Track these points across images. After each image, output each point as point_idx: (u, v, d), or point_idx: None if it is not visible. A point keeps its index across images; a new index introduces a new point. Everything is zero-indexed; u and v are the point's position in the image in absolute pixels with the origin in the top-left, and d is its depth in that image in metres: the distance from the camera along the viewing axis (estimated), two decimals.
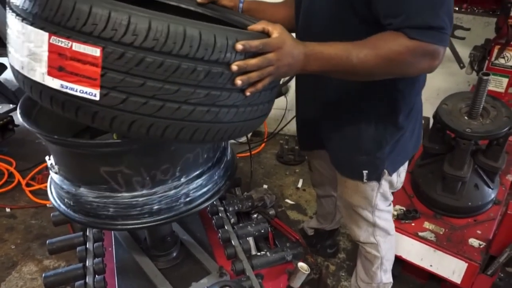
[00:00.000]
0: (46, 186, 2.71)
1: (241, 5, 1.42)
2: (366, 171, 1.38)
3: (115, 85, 0.82)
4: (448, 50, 2.69)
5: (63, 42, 0.81)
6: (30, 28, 0.85)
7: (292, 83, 3.02)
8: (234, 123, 0.99)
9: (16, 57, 0.91)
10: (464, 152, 1.77)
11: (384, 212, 1.54)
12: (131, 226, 1.19)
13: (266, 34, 0.96)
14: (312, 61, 0.99)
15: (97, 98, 0.83)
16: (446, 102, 1.89)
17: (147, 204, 1.16)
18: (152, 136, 0.90)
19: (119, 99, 0.84)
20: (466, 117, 1.81)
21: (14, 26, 0.89)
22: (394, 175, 1.44)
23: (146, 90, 0.83)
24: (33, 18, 0.84)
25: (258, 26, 0.97)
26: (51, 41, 0.82)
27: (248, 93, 0.94)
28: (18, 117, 1.20)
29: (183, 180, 1.19)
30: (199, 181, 1.22)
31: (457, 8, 2.57)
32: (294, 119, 3.14)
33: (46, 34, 0.82)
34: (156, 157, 1.12)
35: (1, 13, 2.69)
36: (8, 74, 3.48)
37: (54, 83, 0.85)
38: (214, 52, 0.85)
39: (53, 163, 1.21)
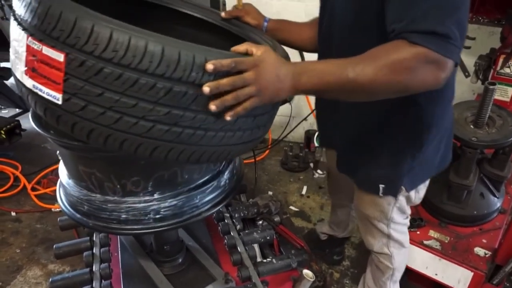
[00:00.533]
0: (51, 191, 2.74)
1: (265, 23, 1.41)
2: (383, 186, 1.35)
3: (76, 92, 0.83)
4: None
5: (36, 45, 0.85)
6: (17, 28, 0.90)
7: None
8: (202, 146, 0.94)
9: (11, 56, 0.97)
10: (470, 161, 1.77)
11: (400, 225, 1.52)
12: (100, 228, 1.23)
13: (249, 55, 0.90)
14: (303, 79, 0.91)
15: (60, 102, 0.85)
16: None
17: (115, 211, 1.18)
18: (110, 147, 0.89)
19: (79, 105, 0.84)
20: (472, 126, 1.82)
21: (12, 25, 0.94)
22: (412, 192, 1.40)
23: (103, 101, 0.82)
24: (20, 19, 0.88)
25: (241, 47, 0.91)
26: (28, 42, 0.86)
27: (228, 118, 0.87)
28: (24, 122, 1.23)
29: (156, 196, 1.17)
30: (173, 201, 1.19)
31: None
32: (298, 126, 3.16)
33: (25, 36, 0.86)
34: (124, 167, 1.12)
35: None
36: None
37: (28, 83, 0.89)
38: (177, 70, 0.81)
39: None
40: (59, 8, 0.81)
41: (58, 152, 1.28)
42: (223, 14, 1.39)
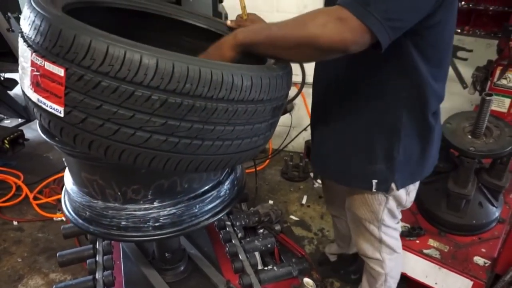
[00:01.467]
0: (53, 200, 2.76)
1: None
2: (376, 181, 1.38)
3: (76, 105, 0.86)
4: (451, 70, 2.75)
5: (39, 60, 0.88)
6: (23, 45, 0.94)
7: (299, 100, 3.07)
8: (199, 155, 0.96)
9: (19, 70, 1.01)
10: (468, 170, 1.79)
11: (391, 229, 1.55)
12: (100, 234, 1.25)
13: None
14: (240, 36, 1.03)
15: (62, 114, 0.88)
16: (450, 121, 1.93)
17: (116, 217, 1.20)
18: (109, 158, 0.92)
19: (79, 118, 0.87)
20: (469, 136, 1.85)
21: (19, 43, 0.98)
22: (403, 192, 1.44)
23: (102, 113, 0.85)
24: (25, 37, 0.93)
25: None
26: (32, 58, 0.90)
27: None
28: (27, 131, 1.28)
29: (155, 204, 1.20)
30: (172, 210, 1.21)
31: (459, 30, 2.64)
32: (299, 136, 3.19)
33: (30, 52, 0.90)
34: (125, 175, 1.15)
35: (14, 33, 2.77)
36: (18, 90, 3.56)
37: (34, 97, 0.93)
38: (171, 82, 0.84)
39: None
40: (59, 26, 0.85)
41: (64, 158, 1.30)
42: (228, 22, 1.43)
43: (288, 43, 1.02)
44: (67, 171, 1.35)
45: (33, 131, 3.41)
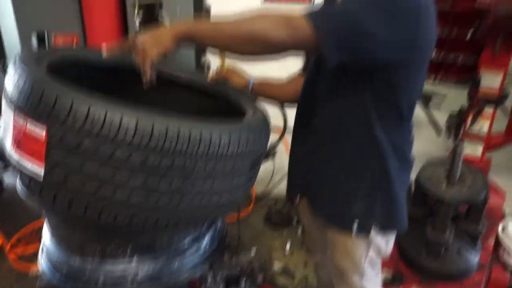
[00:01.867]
0: (30, 252, 2.67)
1: (251, 84, 1.55)
2: (357, 220, 1.37)
3: (57, 164, 0.88)
4: (425, 116, 2.85)
5: (21, 119, 0.91)
6: (6, 103, 0.97)
7: (281, 145, 3.12)
8: (180, 210, 0.98)
9: (1, 127, 1.03)
10: (445, 217, 1.84)
11: (372, 279, 1.54)
12: None
13: None
14: (180, 25, 1.07)
15: (42, 173, 0.90)
16: (425, 168, 1.99)
17: (94, 274, 1.17)
18: (89, 217, 0.93)
19: (60, 177, 0.89)
20: (445, 183, 1.90)
21: (2, 100, 1.01)
22: (382, 241, 1.44)
23: (82, 172, 0.87)
24: (9, 95, 0.96)
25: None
26: (14, 116, 0.93)
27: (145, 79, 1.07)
28: (6, 177, 1.27)
29: (135, 259, 1.18)
30: (152, 265, 1.20)
31: (432, 79, 2.77)
32: (282, 181, 3.20)
33: (12, 110, 0.93)
34: (105, 232, 1.14)
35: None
36: None
37: (14, 155, 0.95)
38: (151, 141, 0.87)
39: None
40: (42, 86, 0.88)
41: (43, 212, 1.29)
42: (210, 78, 1.50)
43: (233, 32, 1.06)
44: (45, 225, 1.33)
45: (13, 177, 3.34)
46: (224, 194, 1.04)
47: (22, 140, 0.92)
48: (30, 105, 0.88)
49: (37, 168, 0.90)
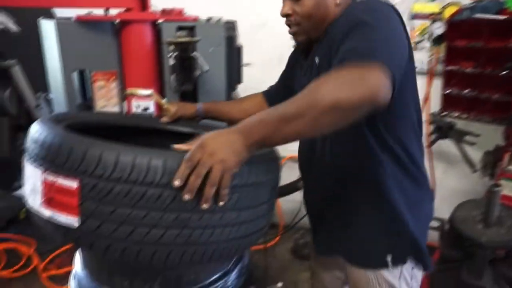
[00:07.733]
0: (63, 271, 2.73)
1: (199, 110, 1.62)
2: (391, 255, 1.31)
3: (91, 213, 0.92)
4: (458, 152, 2.78)
5: (51, 177, 0.96)
6: (31, 165, 1.02)
7: None
8: (211, 244, 1.00)
9: (26, 190, 1.07)
10: (481, 260, 1.77)
11: None
12: None
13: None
14: (253, 130, 0.93)
15: (77, 224, 0.94)
16: (460, 209, 1.94)
17: None
18: (126, 259, 0.96)
19: (94, 225, 0.93)
20: (481, 225, 1.84)
21: (26, 162, 1.06)
22: (413, 280, 1.35)
23: (116, 217, 0.91)
24: (35, 156, 1.01)
25: (183, 146, 0.97)
26: (44, 176, 0.97)
27: (204, 205, 0.91)
28: None
29: None
30: None
31: (466, 116, 2.71)
32: None
33: (40, 171, 0.98)
34: (134, 267, 1.16)
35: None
36: None
37: (46, 213, 0.99)
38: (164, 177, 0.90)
39: None
40: (70, 143, 0.94)
41: None
42: (163, 119, 1.59)
43: (311, 115, 0.90)
44: (77, 253, 1.38)
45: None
46: (248, 223, 1.06)
47: (54, 197, 0.96)
48: (60, 162, 0.94)
49: (72, 219, 0.95)
